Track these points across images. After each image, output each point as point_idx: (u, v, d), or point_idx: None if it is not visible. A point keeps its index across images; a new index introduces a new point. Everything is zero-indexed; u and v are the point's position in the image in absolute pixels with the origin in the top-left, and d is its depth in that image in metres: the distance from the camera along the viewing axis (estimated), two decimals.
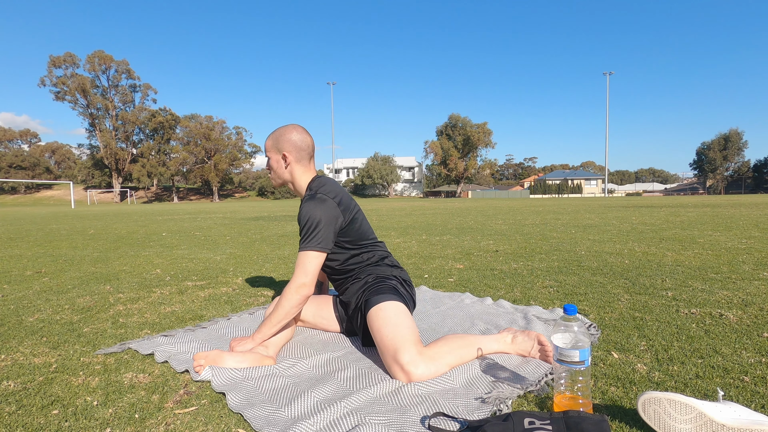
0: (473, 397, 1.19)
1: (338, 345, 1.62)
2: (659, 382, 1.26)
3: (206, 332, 1.77)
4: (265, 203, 34.57)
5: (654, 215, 8.80)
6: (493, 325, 1.79)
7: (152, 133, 59.99)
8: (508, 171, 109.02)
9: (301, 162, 1.66)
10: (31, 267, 3.57)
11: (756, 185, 62.87)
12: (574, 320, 1.09)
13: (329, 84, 57.15)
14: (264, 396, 1.22)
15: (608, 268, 3.02)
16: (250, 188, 68.42)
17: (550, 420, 0.99)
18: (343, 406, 1.15)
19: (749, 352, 1.45)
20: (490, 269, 3.09)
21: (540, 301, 2.18)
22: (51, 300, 2.39)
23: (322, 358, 1.48)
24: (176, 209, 21.17)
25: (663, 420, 0.97)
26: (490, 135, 60.27)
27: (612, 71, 52.36)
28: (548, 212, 10.85)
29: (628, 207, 13.39)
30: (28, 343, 1.69)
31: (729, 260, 3.23)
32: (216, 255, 4.09)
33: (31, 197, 60.02)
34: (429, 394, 1.21)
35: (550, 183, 65.54)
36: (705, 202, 16.64)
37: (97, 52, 55.23)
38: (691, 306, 2.02)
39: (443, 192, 66.50)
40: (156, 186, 65.53)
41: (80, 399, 1.23)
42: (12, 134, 70.79)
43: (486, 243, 4.63)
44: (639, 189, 76.62)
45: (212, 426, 1.08)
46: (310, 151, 1.69)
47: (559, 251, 3.88)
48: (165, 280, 2.90)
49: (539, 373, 1.32)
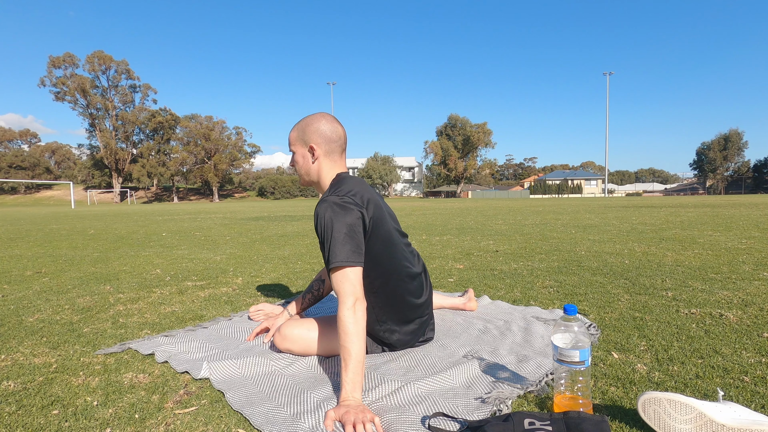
0: (473, 397, 1.19)
1: None
2: (659, 382, 1.26)
3: (207, 332, 1.77)
4: (265, 203, 34.57)
5: (654, 215, 8.80)
6: (492, 325, 1.79)
7: (152, 133, 60.00)
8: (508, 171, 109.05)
9: (331, 155, 1.46)
10: (31, 267, 3.57)
11: (756, 185, 62.88)
12: (574, 320, 1.09)
13: (329, 84, 57.25)
14: (263, 394, 1.22)
15: (608, 268, 3.02)
16: (250, 188, 68.42)
17: (550, 420, 0.99)
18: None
19: (749, 352, 1.45)
20: (490, 269, 3.09)
21: (540, 302, 2.18)
22: (51, 300, 2.39)
23: (320, 359, 1.48)
24: (176, 209, 21.17)
25: (663, 420, 0.97)
26: (490, 135, 60.31)
27: (612, 71, 52.53)
28: (548, 212, 10.85)
29: (628, 207, 13.40)
30: (28, 343, 1.69)
31: (729, 260, 3.23)
32: (216, 255, 4.09)
33: (31, 197, 60.01)
34: (429, 393, 1.21)
35: (550, 183, 65.55)
36: (705, 202, 16.64)
37: (96, 52, 55.24)
38: (691, 306, 2.02)
39: (443, 192, 66.50)
40: (156, 186, 65.51)
41: (80, 399, 1.23)
42: (12, 134, 70.79)
43: (486, 243, 4.63)
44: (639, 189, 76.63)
45: (212, 426, 1.08)
46: (342, 143, 1.47)
47: (559, 251, 3.88)
48: (165, 280, 2.90)
49: (539, 373, 1.32)
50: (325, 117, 1.46)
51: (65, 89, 54.01)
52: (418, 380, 1.27)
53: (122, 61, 56.96)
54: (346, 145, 1.50)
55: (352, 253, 1.26)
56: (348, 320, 1.20)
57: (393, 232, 1.44)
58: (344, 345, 1.19)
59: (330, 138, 1.44)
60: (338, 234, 1.26)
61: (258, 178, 68.05)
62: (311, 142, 1.44)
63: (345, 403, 1.10)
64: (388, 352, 1.52)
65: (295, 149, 1.48)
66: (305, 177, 1.49)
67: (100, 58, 55.21)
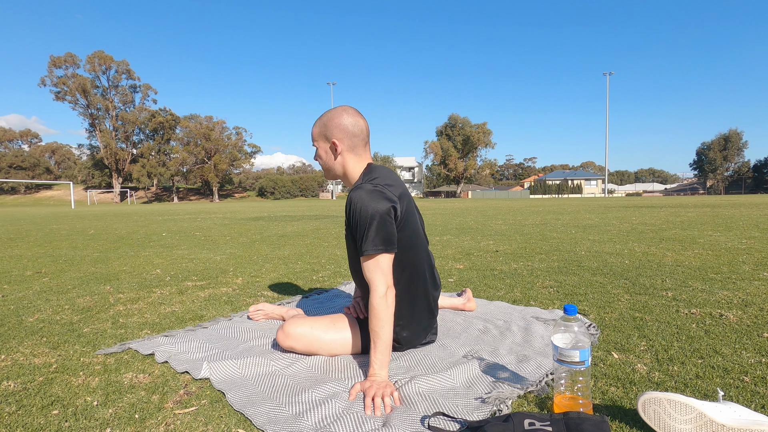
0: (473, 397, 1.19)
1: None
2: (659, 382, 1.26)
3: (207, 332, 1.77)
4: (265, 203, 34.58)
5: (654, 215, 8.80)
6: (492, 325, 1.79)
7: (152, 134, 60.02)
8: (508, 171, 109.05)
9: (354, 150, 1.44)
10: (31, 267, 3.57)
11: (756, 185, 62.86)
12: (574, 320, 1.09)
13: (329, 84, 57.22)
14: (264, 394, 1.22)
15: (608, 268, 3.02)
16: (250, 188, 68.45)
17: (551, 421, 0.99)
18: (344, 405, 1.15)
19: (749, 352, 1.45)
20: (490, 269, 3.09)
21: (540, 302, 2.18)
22: (51, 300, 2.39)
23: (320, 359, 1.48)
24: (176, 209, 21.17)
25: (663, 420, 0.97)
26: (490, 135, 60.33)
27: (612, 71, 52.54)
28: (548, 212, 10.85)
29: (628, 207, 13.39)
30: (28, 344, 1.69)
31: (729, 260, 3.23)
32: (216, 255, 4.09)
33: (31, 197, 60.02)
34: (429, 393, 1.21)
35: (550, 183, 65.55)
36: (705, 203, 16.64)
37: (97, 52, 55.27)
38: (691, 306, 2.02)
39: (443, 192, 66.51)
40: (156, 186, 65.54)
41: (80, 399, 1.23)
42: (12, 134, 70.81)
43: (486, 243, 4.63)
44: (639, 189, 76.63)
45: (212, 426, 1.08)
46: (364, 137, 1.45)
47: (559, 251, 3.88)
48: (165, 281, 2.90)
49: (539, 373, 1.32)
50: (346, 111, 1.43)
51: (66, 89, 54.04)
52: (418, 379, 1.27)
53: (122, 61, 57.02)
54: (369, 137, 1.48)
55: (385, 240, 1.28)
56: (381, 307, 1.26)
57: (419, 227, 1.47)
58: (375, 329, 1.26)
59: (352, 132, 1.42)
60: (373, 221, 1.27)
61: (258, 178, 68.10)
62: (333, 138, 1.42)
63: (371, 379, 1.22)
64: (391, 351, 1.52)
65: (318, 145, 1.47)
66: (330, 172, 1.48)
67: (100, 58, 55.24)
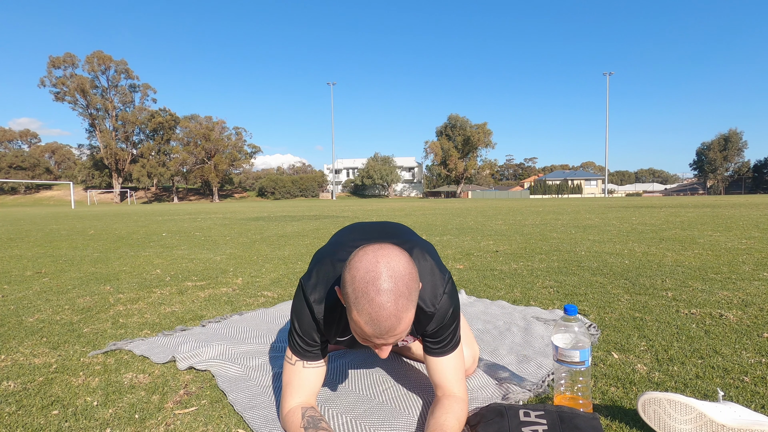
0: (473, 397, 1.19)
1: (337, 353, 1.62)
2: (659, 382, 1.26)
3: (207, 332, 1.77)
4: (265, 203, 34.57)
5: (654, 215, 8.80)
6: (492, 325, 1.79)
7: (152, 134, 59.98)
8: (508, 171, 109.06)
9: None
10: (31, 267, 3.57)
11: (756, 185, 62.85)
12: (575, 320, 1.10)
13: (329, 84, 57.26)
14: (265, 395, 1.22)
15: (608, 268, 3.02)
16: (250, 188, 68.43)
17: (544, 411, 0.99)
18: (344, 406, 1.15)
19: (749, 353, 1.45)
20: (490, 269, 3.09)
21: (540, 302, 2.18)
22: (51, 300, 2.39)
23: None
24: (176, 209, 21.17)
25: (663, 420, 0.97)
26: (490, 135, 60.31)
27: (612, 71, 52.59)
28: (548, 212, 10.85)
29: (628, 207, 13.40)
30: (28, 344, 1.69)
31: (729, 260, 3.23)
32: (216, 255, 4.09)
33: (31, 197, 60.01)
34: (428, 392, 1.21)
35: (550, 183, 65.52)
36: (705, 203, 16.64)
37: (96, 52, 55.23)
38: (691, 306, 2.02)
39: (443, 192, 66.50)
40: (156, 186, 65.51)
41: (80, 399, 1.23)
42: (12, 134, 70.77)
43: (486, 243, 4.63)
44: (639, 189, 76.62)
45: (212, 426, 1.08)
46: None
47: (559, 251, 3.88)
48: (165, 281, 2.90)
49: (540, 373, 1.32)
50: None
51: (65, 89, 54.01)
52: (417, 378, 1.27)
53: (121, 60, 56.97)
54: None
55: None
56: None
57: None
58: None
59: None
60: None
61: (258, 178, 68.06)
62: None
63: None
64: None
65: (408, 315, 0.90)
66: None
67: (99, 58, 55.20)
